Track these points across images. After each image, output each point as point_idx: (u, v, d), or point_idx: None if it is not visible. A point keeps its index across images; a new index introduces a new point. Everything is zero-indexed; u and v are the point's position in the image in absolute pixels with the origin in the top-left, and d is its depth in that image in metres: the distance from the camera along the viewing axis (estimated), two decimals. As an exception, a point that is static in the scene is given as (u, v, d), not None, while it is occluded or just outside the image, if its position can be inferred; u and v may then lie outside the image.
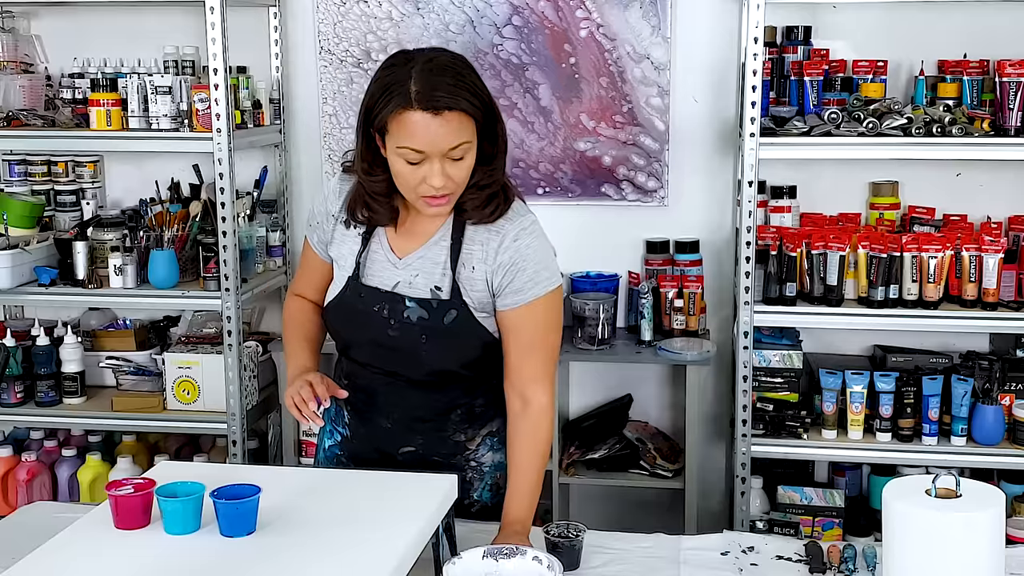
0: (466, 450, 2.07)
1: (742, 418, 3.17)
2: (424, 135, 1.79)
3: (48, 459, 3.53)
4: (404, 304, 1.95)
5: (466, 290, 1.94)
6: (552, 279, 1.97)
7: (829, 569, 1.88)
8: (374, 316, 1.96)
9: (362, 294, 1.97)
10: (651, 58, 3.49)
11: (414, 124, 1.79)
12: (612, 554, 1.95)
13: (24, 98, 3.55)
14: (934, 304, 3.10)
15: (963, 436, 3.11)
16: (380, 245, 1.99)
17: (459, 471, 2.02)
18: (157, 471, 1.86)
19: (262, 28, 3.64)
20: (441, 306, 1.93)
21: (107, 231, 3.41)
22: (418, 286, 1.95)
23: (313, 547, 1.56)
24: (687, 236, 3.54)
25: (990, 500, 1.54)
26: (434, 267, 1.95)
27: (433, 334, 1.94)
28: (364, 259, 1.99)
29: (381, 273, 1.98)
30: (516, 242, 1.94)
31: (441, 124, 1.79)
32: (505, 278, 1.94)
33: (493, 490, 2.10)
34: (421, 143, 1.80)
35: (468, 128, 1.83)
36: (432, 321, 1.94)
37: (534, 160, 3.59)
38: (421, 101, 1.78)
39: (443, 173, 1.82)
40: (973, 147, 3.04)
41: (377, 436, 2.06)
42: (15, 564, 1.53)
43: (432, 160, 1.82)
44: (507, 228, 1.95)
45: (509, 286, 1.93)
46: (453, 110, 1.79)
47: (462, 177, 1.86)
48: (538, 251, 1.96)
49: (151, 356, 3.56)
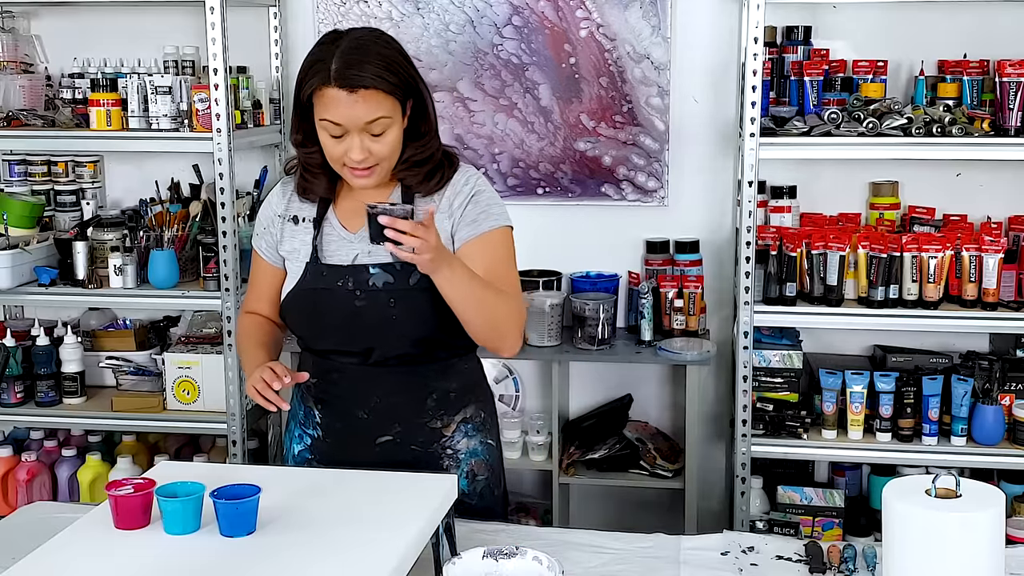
0: (442, 437, 2.08)
1: (742, 418, 3.17)
2: (341, 111, 1.88)
3: (48, 459, 3.53)
4: (368, 272, 1.99)
5: None
6: (504, 216, 2.05)
7: (829, 569, 1.88)
8: (338, 291, 1.99)
9: (323, 273, 2.01)
10: (651, 58, 3.49)
11: (331, 100, 1.89)
12: (612, 554, 1.95)
13: (24, 98, 3.55)
14: (934, 304, 3.10)
15: (963, 436, 3.11)
16: (332, 227, 2.05)
17: (436, 459, 2.06)
18: (157, 471, 1.86)
19: (262, 28, 3.64)
20: (405, 267, 1.96)
21: (107, 231, 3.41)
22: (377, 253, 1.98)
23: (313, 547, 1.56)
24: (687, 236, 3.54)
25: (990, 500, 1.54)
26: None
27: (401, 297, 1.97)
28: (319, 242, 2.04)
29: (338, 251, 2.03)
30: (466, 185, 2.04)
31: (356, 101, 1.88)
32: (458, 211, 2.01)
33: (470, 477, 2.10)
34: (339, 117, 1.89)
35: (386, 104, 1.90)
36: (398, 283, 1.97)
37: (534, 160, 3.59)
38: (338, 79, 1.88)
39: (362, 147, 1.91)
40: (973, 147, 3.04)
41: (353, 429, 2.05)
42: (15, 564, 1.53)
43: (352, 135, 1.90)
44: (456, 177, 2.04)
45: (463, 218, 2.01)
46: (368, 88, 1.88)
47: (384, 152, 1.93)
48: (487, 190, 2.06)
49: (151, 356, 3.56)
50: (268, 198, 2.15)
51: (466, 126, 3.60)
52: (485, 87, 3.57)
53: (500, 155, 3.60)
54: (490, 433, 2.16)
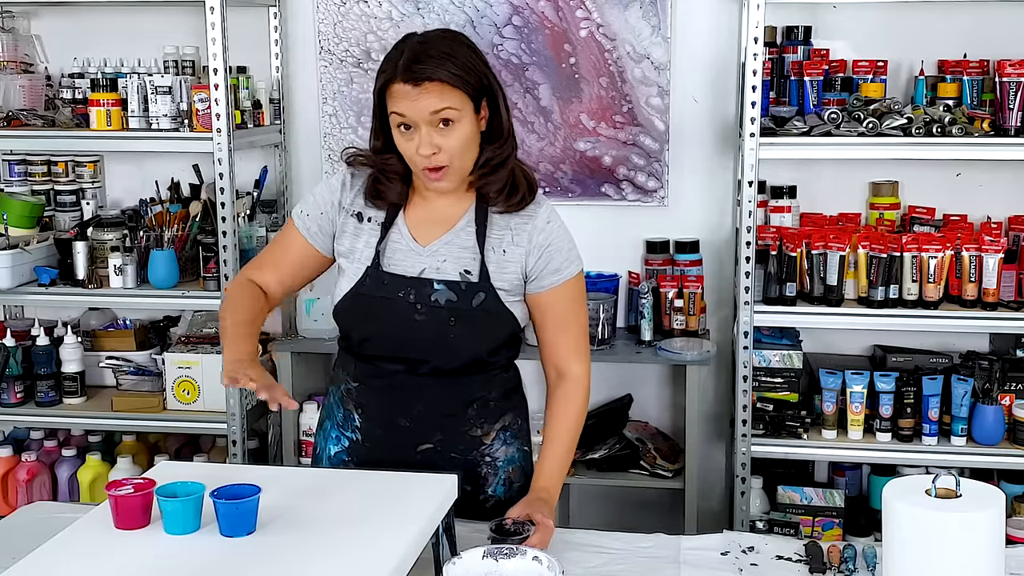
0: (481, 444, 2.07)
1: (742, 418, 3.17)
2: (406, 103, 1.88)
3: (48, 459, 3.53)
4: (432, 287, 1.97)
5: (495, 273, 1.99)
6: (579, 258, 2.08)
7: (829, 569, 1.88)
8: (398, 302, 1.97)
9: (385, 281, 1.99)
10: (651, 58, 3.49)
11: (398, 93, 1.89)
12: (612, 554, 1.95)
13: (24, 98, 3.55)
14: (934, 304, 3.10)
15: (963, 436, 3.11)
16: (400, 235, 2.02)
17: (474, 467, 2.05)
18: (157, 471, 1.86)
19: (262, 28, 3.64)
20: (470, 288, 1.97)
21: (107, 231, 3.41)
22: (446, 271, 1.98)
23: (313, 547, 1.56)
24: (687, 236, 3.54)
25: (990, 500, 1.54)
26: (462, 251, 1.99)
27: (461, 316, 1.97)
28: (384, 248, 2.00)
29: (404, 261, 2.00)
30: (549, 224, 2.03)
31: (420, 93, 1.87)
32: (542, 259, 2.01)
33: (507, 484, 2.10)
34: (405, 110, 1.89)
35: (452, 96, 1.88)
36: (461, 303, 1.97)
37: (534, 160, 3.59)
38: (403, 73, 1.88)
39: (430, 141, 1.89)
40: (973, 147, 3.04)
41: (394, 435, 2.04)
42: (15, 564, 1.53)
43: (419, 128, 1.89)
44: (538, 212, 2.03)
45: (548, 267, 2.01)
46: (432, 80, 1.87)
47: (453, 147, 1.91)
48: (566, 234, 2.07)
49: (151, 356, 3.56)
50: (330, 183, 2.08)
51: (466, 126, 3.60)
52: (485, 87, 3.57)
53: (500, 155, 3.60)
54: (526, 440, 2.16)
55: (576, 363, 2.05)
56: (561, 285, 2.03)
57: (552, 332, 2.05)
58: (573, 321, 2.06)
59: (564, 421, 2.04)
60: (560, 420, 2.04)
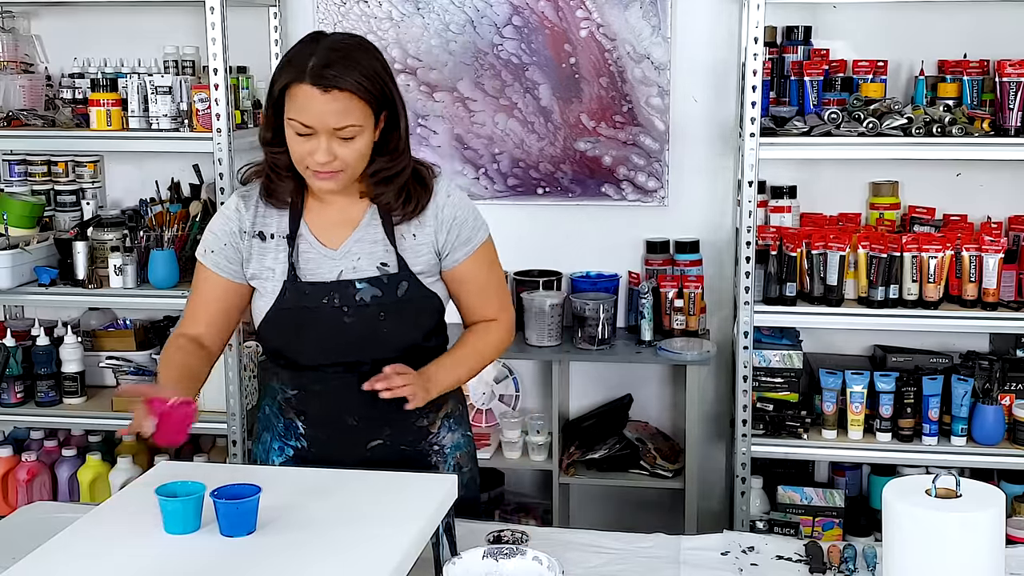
0: (428, 434, 2.09)
1: (742, 418, 3.17)
2: (311, 110, 1.85)
3: (48, 459, 3.53)
4: (354, 287, 1.98)
5: (411, 259, 2.00)
6: (485, 225, 2.10)
7: (829, 569, 1.88)
8: (323, 309, 1.97)
9: (306, 291, 1.98)
10: (651, 58, 3.49)
11: (303, 97, 1.86)
12: (612, 554, 1.95)
13: (24, 98, 3.55)
14: (934, 304, 3.10)
15: (963, 436, 3.11)
16: (308, 244, 2.01)
17: (424, 457, 2.07)
18: (157, 471, 1.86)
19: (262, 28, 3.64)
20: (392, 280, 1.98)
21: (107, 231, 3.41)
22: (363, 268, 1.99)
23: (313, 547, 1.56)
24: (687, 236, 3.54)
25: (990, 500, 1.54)
26: (374, 246, 2.00)
27: (390, 309, 1.98)
28: (296, 259, 2.00)
29: (319, 268, 2.00)
30: (449, 198, 2.04)
31: (328, 101, 1.84)
32: (451, 233, 2.03)
33: (456, 470, 2.11)
34: (308, 118, 1.86)
35: (358, 111, 1.87)
36: (386, 297, 1.98)
37: (534, 160, 3.59)
38: (312, 76, 1.84)
39: (328, 150, 1.87)
40: (973, 147, 3.04)
41: (342, 436, 2.04)
42: (15, 564, 1.53)
43: (319, 136, 1.87)
44: (436, 188, 2.03)
45: (457, 239, 2.03)
46: (343, 90, 1.84)
47: (351, 158, 1.90)
48: (468, 202, 2.09)
49: (151, 356, 3.56)
50: (223, 212, 2.06)
51: (466, 126, 3.60)
52: (485, 87, 3.57)
53: (500, 155, 3.60)
54: (467, 425, 2.21)
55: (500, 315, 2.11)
56: (474, 254, 2.05)
57: (475, 300, 2.09)
58: (492, 284, 2.10)
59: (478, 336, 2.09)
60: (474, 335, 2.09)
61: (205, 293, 2.07)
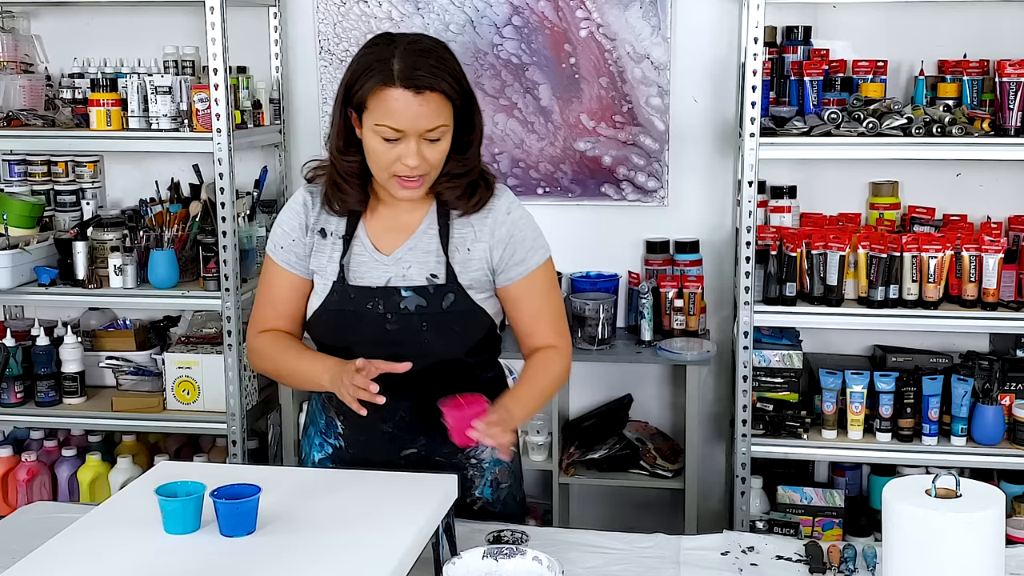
0: (466, 447, 2.05)
1: (742, 418, 3.17)
2: (404, 113, 1.82)
3: (48, 459, 3.53)
4: (400, 295, 1.95)
5: (462, 272, 1.97)
6: (546, 246, 2.05)
7: (829, 569, 1.88)
8: (367, 314, 1.95)
9: (352, 295, 1.96)
10: (651, 58, 3.49)
11: (394, 101, 1.82)
12: (612, 554, 1.95)
13: (24, 98, 3.55)
14: (934, 304, 3.10)
15: (963, 436, 3.11)
16: (363, 246, 1.99)
17: (460, 470, 2.02)
18: (157, 471, 1.86)
19: (262, 28, 3.64)
20: (438, 291, 1.95)
21: (107, 231, 3.41)
22: (412, 277, 1.96)
23: (313, 547, 1.56)
24: (687, 236, 3.54)
25: (990, 500, 1.54)
26: (426, 256, 1.97)
27: (433, 320, 1.95)
28: (348, 261, 1.98)
29: (369, 272, 1.97)
30: (509, 215, 1.99)
31: (421, 103, 1.82)
32: (507, 251, 1.98)
33: (494, 486, 2.09)
34: (400, 121, 1.82)
35: (446, 111, 1.86)
36: (431, 307, 1.95)
37: (534, 160, 3.59)
38: (403, 79, 1.81)
39: (418, 153, 1.85)
40: (973, 147, 3.04)
41: (377, 442, 2.03)
42: (15, 564, 1.53)
43: (408, 139, 1.84)
44: (497, 204, 2.00)
45: (512, 258, 1.99)
46: (434, 90, 1.83)
47: (437, 160, 1.89)
48: (529, 222, 2.03)
49: (151, 356, 3.56)
50: (291, 207, 2.04)
51: (466, 126, 3.60)
52: (485, 87, 3.57)
53: (500, 155, 3.60)
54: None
55: (558, 341, 2.04)
56: (528, 275, 2.00)
57: (529, 322, 2.03)
58: (547, 308, 2.04)
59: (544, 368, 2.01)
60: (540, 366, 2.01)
61: (276, 289, 2.05)
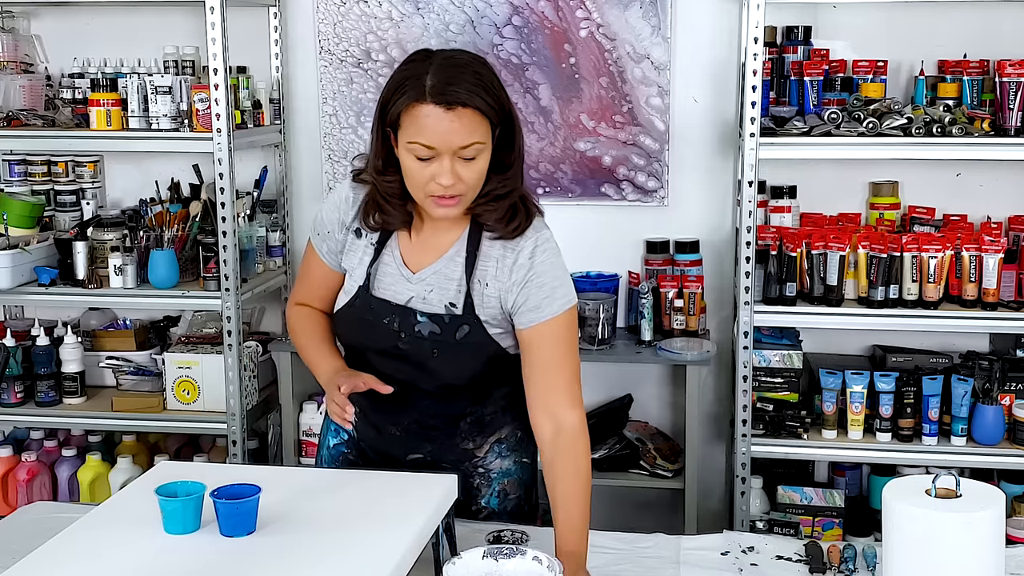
0: (474, 457, 2.04)
1: (742, 418, 3.17)
2: (435, 130, 1.76)
3: (48, 459, 3.53)
4: (416, 319, 1.92)
5: (480, 306, 1.91)
6: (568, 297, 1.91)
7: (829, 569, 1.88)
8: (383, 328, 1.94)
9: (372, 305, 1.95)
10: (651, 58, 3.49)
11: (425, 118, 1.76)
12: (612, 554, 1.95)
13: (24, 98, 3.55)
14: (934, 304, 3.10)
15: (963, 436, 3.11)
16: (393, 258, 1.96)
17: (466, 477, 2.02)
18: (157, 471, 1.86)
19: (262, 28, 3.64)
20: (453, 321, 1.91)
21: (107, 231, 3.41)
22: (432, 302, 1.92)
23: (313, 547, 1.56)
24: (687, 236, 3.54)
25: (990, 500, 1.54)
26: (448, 283, 1.92)
27: (444, 348, 1.91)
28: (375, 270, 1.96)
29: (393, 286, 1.95)
30: (531, 259, 1.90)
31: (453, 120, 1.75)
32: (520, 296, 1.89)
33: (500, 496, 2.07)
34: (431, 138, 1.76)
35: (481, 128, 1.79)
36: (444, 336, 1.91)
37: (534, 160, 3.59)
38: (435, 94, 1.75)
39: (453, 172, 1.78)
40: (973, 147, 3.04)
41: (385, 442, 2.04)
42: (15, 564, 1.53)
43: (442, 158, 1.78)
44: (522, 244, 1.91)
45: (525, 304, 1.89)
46: (467, 106, 1.76)
47: (473, 179, 1.81)
48: (553, 268, 1.91)
49: (151, 356, 3.56)
50: (335, 199, 2.01)
51: (466, 126, 3.60)
52: (485, 87, 3.57)
53: (500, 155, 3.60)
54: (525, 451, 2.09)
55: (570, 410, 1.87)
56: (543, 323, 1.88)
57: (539, 374, 1.89)
58: (562, 364, 1.89)
59: (576, 484, 1.85)
60: (571, 483, 1.84)
61: (313, 273, 2.08)
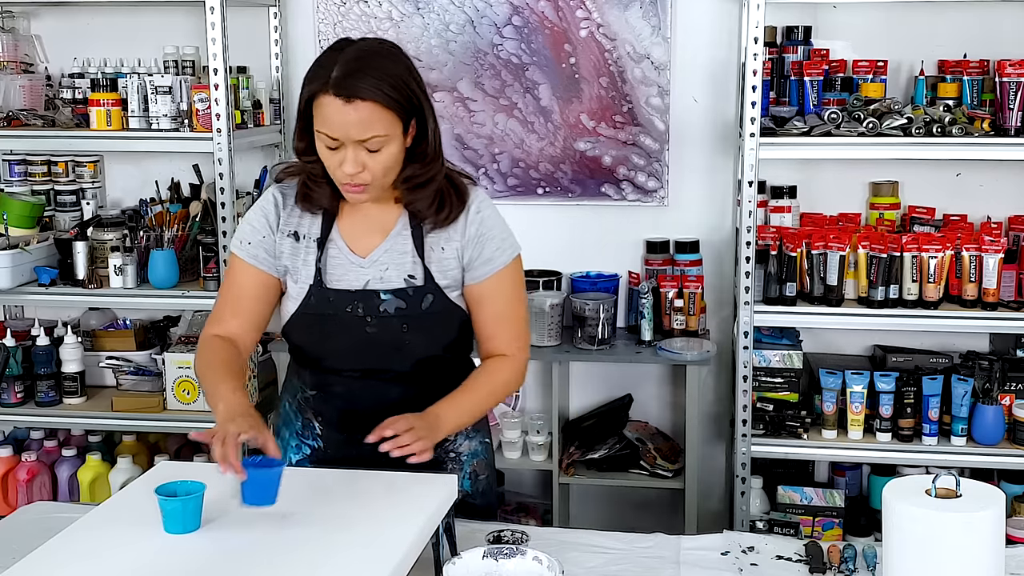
0: (445, 441, 2.05)
1: (742, 418, 3.17)
2: (336, 121, 1.81)
3: (48, 459, 3.53)
4: (379, 298, 1.95)
5: (438, 272, 1.97)
6: (514, 246, 2.03)
7: (829, 569, 1.88)
8: (346, 318, 1.95)
9: (330, 298, 1.96)
10: (651, 58, 3.49)
11: (327, 108, 1.81)
12: (612, 554, 1.95)
13: (24, 98, 3.55)
14: (934, 304, 3.10)
15: (963, 436, 3.11)
16: (338, 249, 1.99)
17: (440, 464, 2.04)
18: (157, 471, 1.86)
19: (262, 28, 3.64)
20: (417, 293, 1.96)
21: (107, 231, 3.41)
22: (391, 279, 1.96)
23: (313, 547, 1.56)
24: (687, 236, 3.54)
25: (990, 500, 1.54)
26: (402, 257, 1.97)
27: (413, 321, 1.96)
28: (324, 264, 1.98)
29: (347, 275, 1.97)
30: (479, 214, 1.99)
31: (351, 112, 1.80)
32: (475, 249, 1.98)
33: (472, 478, 2.11)
34: (333, 129, 1.82)
35: (384, 120, 1.82)
36: (410, 309, 1.95)
37: (534, 160, 3.59)
38: (335, 86, 1.80)
39: (356, 161, 1.84)
40: (973, 147, 3.04)
41: (356, 439, 2.00)
42: (15, 564, 1.53)
43: (347, 146, 1.83)
44: (469, 201, 1.99)
45: (480, 257, 1.98)
46: (366, 100, 1.80)
47: (379, 169, 1.86)
48: (498, 220, 2.02)
49: (151, 356, 3.56)
50: (260, 206, 2.03)
51: (466, 126, 3.60)
52: (485, 87, 3.57)
53: (500, 155, 3.60)
54: (486, 432, 2.18)
55: (520, 352, 2.03)
56: (495, 275, 1.99)
57: (491, 325, 2.01)
58: (510, 313, 2.02)
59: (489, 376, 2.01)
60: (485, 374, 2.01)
61: (240, 286, 2.01)
